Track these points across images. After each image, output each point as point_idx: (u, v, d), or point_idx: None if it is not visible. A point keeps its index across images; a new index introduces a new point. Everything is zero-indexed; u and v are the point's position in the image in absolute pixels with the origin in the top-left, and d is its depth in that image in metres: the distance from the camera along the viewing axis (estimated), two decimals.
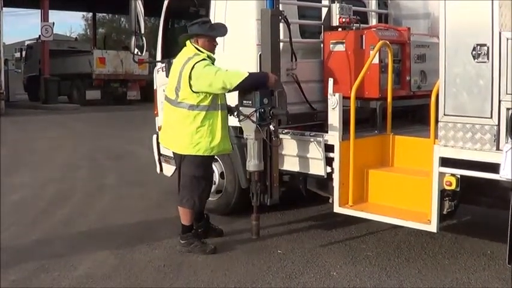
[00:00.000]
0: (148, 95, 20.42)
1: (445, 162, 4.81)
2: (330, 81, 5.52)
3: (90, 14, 40.89)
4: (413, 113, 6.73)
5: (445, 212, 5.09)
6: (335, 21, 6.40)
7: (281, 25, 5.92)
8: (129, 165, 10.50)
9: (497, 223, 5.10)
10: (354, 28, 6.40)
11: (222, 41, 5.88)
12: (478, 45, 4.51)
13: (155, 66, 7.61)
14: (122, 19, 46.79)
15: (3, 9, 22.27)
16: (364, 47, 6.11)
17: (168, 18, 7.50)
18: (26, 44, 33.38)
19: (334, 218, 6.23)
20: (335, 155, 5.52)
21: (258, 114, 5.44)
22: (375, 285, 4.88)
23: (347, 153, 5.48)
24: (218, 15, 6.39)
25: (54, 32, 26.96)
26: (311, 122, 6.28)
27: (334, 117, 5.47)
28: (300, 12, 6.71)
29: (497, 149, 4.50)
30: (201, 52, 5.50)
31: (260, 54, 5.92)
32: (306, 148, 5.82)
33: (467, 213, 6.40)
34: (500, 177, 4.45)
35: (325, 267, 5.24)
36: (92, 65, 25.22)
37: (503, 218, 4.54)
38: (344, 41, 6.25)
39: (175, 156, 5.85)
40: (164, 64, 7.01)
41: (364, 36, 6.15)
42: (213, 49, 5.62)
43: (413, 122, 6.55)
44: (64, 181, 9.12)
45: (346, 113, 5.47)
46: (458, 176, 4.79)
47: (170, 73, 5.70)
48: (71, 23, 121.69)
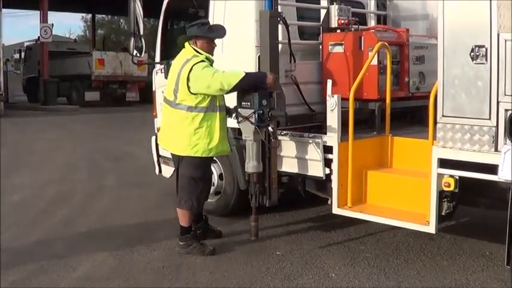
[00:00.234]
0: (147, 96, 20.40)
1: (443, 163, 4.81)
2: (329, 83, 5.53)
3: (90, 15, 40.91)
4: (412, 114, 6.72)
5: (443, 213, 5.10)
6: (334, 23, 6.40)
7: (280, 26, 5.92)
8: (128, 167, 10.51)
9: (496, 224, 5.10)
10: (352, 29, 6.41)
11: (220, 42, 5.89)
12: (476, 46, 4.51)
13: (154, 67, 7.62)
14: (121, 20, 46.85)
15: (3, 10, 22.25)
16: (362, 49, 6.11)
17: (167, 19, 7.51)
18: (25, 45, 33.38)
19: (332, 219, 6.23)
20: (334, 157, 5.53)
21: (256, 115, 5.44)
22: (373, 286, 4.88)
23: (346, 155, 5.49)
24: (217, 17, 6.39)
25: (53, 33, 26.96)
26: (310, 123, 6.27)
27: (333, 119, 5.48)
28: (299, 13, 6.71)
29: (496, 150, 4.51)
30: (200, 54, 5.51)
31: (259, 56, 5.92)
32: (304, 149, 5.82)
33: (465, 215, 6.41)
34: (499, 178, 4.45)
35: (324, 269, 5.24)
36: (91, 66, 25.20)
37: (501, 219, 4.55)
38: (343, 42, 6.25)
39: (173, 157, 5.85)
40: (163, 65, 7.01)
41: (362, 37, 6.14)
42: (211, 51, 5.63)
43: (412, 123, 6.54)
44: (63, 182, 9.13)
45: (344, 114, 5.47)
46: (457, 177, 4.80)
47: (169, 75, 5.70)
48: (70, 24, 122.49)
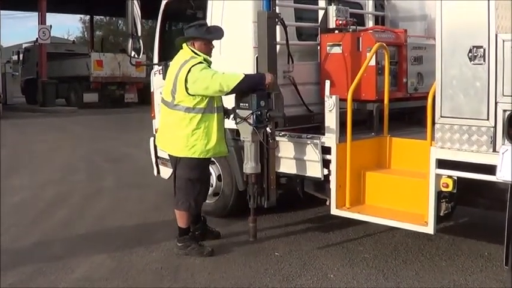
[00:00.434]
0: (145, 97, 20.16)
1: (441, 164, 4.81)
2: (327, 84, 5.51)
3: (88, 17, 40.75)
4: (410, 115, 6.71)
5: (442, 214, 5.10)
6: (332, 24, 6.40)
7: (278, 27, 5.92)
8: (127, 168, 10.50)
9: (494, 225, 5.10)
10: (350, 30, 6.41)
11: (218, 43, 5.88)
12: (474, 47, 4.51)
13: (152, 68, 7.61)
14: (120, 22, 46.79)
15: (1, 11, 22.25)
16: (360, 49, 6.12)
17: (165, 20, 7.50)
18: (23, 47, 33.32)
19: (331, 220, 6.23)
20: (332, 157, 5.52)
21: (254, 116, 5.44)
22: (372, 287, 4.88)
23: (344, 155, 5.48)
24: (215, 18, 6.39)
25: (52, 35, 26.92)
26: (308, 124, 6.26)
27: (331, 120, 5.47)
28: (297, 14, 6.71)
29: (494, 150, 4.50)
30: (198, 55, 5.50)
31: (257, 57, 5.92)
32: (303, 150, 5.82)
33: (464, 215, 6.41)
34: (497, 178, 4.45)
35: (323, 270, 5.24)
36: (90, 67, 25.15)
37: (500, 220, 4.56)
38: (341, 43, 6.25)
39: (171, 158, 5.84)
40: (161, 67, 7.01)
41: (360, 38, 6.14)
42: (209, 52, 5.62)
43: (410, 124, 6.54)
44: (62, 183, 9.12)
45: (343, 115, 5.47)
46: (455, 178, 4.79)
47: (167, 76, 5.70)
48: (68, 26, 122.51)
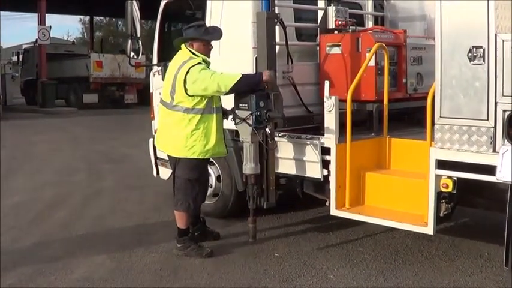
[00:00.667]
0: (145, 98, 20.17)
1: (441, 164, 4.80)
2: (326, 84, 5.51)
3: (87, 18, 40.76)
4: (410, 115, 6.71)
5: (441, 215, 5.09)
6: (331, 24, 6.40)
7: (277, 28, 5.91)
8: (126, 169, 10.50)
9: (494, 225, 5.10)
10: (350, 31, 6.41)
11: (217, 44, 5.87)
12: (474, 47, 4.50)
13: (152, 69, 7.61)
14: (119, 22, 46.77)
15: (0, 12, 22.27)
16: (360, 50, 6.11)
17: (164, 21, 7.49)
18: (23, 48, 33.32)
19: (330, 220, 6.22)
20: (331, 158, 5.51)
21: (254, 117, 5.43)
22: (371, 287, 4.88)
23: (343, 156, 5.47)
24: (214, 18, 6.38)
25: (51, 36, 26.94)
26: (307, 124, 6.26)
27: (331, 120, 5.46)
28: (296, 14, 6.70)
29: (494, 151, 4.49)
30: (196, 56, 5.50)
31: (256, 57, 5.91)
32: (302, 151, 5.81)
33: (464, 216, 6.40)
34: (497, 179, 4.44)
35: (322, 270, 5.23)
36: (89, 68, 25.17)
37: (500, 220, 4.55)
38: (340, 43, 6.25)
39: (170, 159, 5.83)
40: (160, 67, 7.01)
41: (360, 38, 6.14)
42: (208, 53, 5.62)
43: (409, 125, 6.53)
44: (62, 184, 9.12)
45: (342, 115, 5.46)
46: (455, 178, 4.78)
47: (165, 76, 5.69)
48: (68, 27, 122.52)
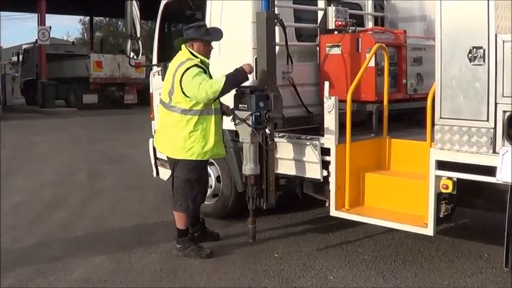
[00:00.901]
0: (145, 98, 20.17)
1: (441, 165, 4.79)
2: (326, 85, 5.50)
3: (87, 18, 40.75)
4: (410, 116, 6.70)
5: (441, 215, 5.08)
6: (331, 24, 6.40)
7: (277, 28, 5.91)
8: (126, 169, 10.49)
9: (494, 226, 5.09)
10: (350, 31, 6.41)
11: (217, 44, 5.87)
12: (474, 47, 4.50)
13: (152, 69, 7.60)
14: (119, 23, 46.72)
15: (0, 13, 22.27)
16: (360, 50, 6.10)
17: (164, 21, 7.49)
18: (23, 48, 33.32)
19: (330, 221, 6.21)
20: (331, 159, 5.51)
21: (253, 117, 5.44)
22: None
23: (343, 157, 5.47)
24: (214, 19, 6.38)
25: (51, 36, 26.93)
26: (307, 125, 6.25)
27: (330, 121, 5.45)
28: (296, 15, 6.70)
29: (494, 152, 4.49)
30: (195, 57, 5.48)
31: (256, 58, 5.90)
32: (302, 151, 5.80)
33: (464, 217, 6.40)
34: (497, 180, 4.43)
35: (322, 271, 5.22)
36: (89, 68, 25.16)
37: (500, 221, 4.54)
38: (340, 44, 6.24)
39: (169, 160, 5.83)
40: (160, 68, 7.00)
41: (360, 39, 6.13)
42: (208, 53, 5.61)
43: (409, 125, 6.52)
44: (62, 184, 9.12)
45: (342, 116, 5.45)
46: (455, 179, 4.78)
47: (165, 77, 5.69)
48: (68, 27, 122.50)
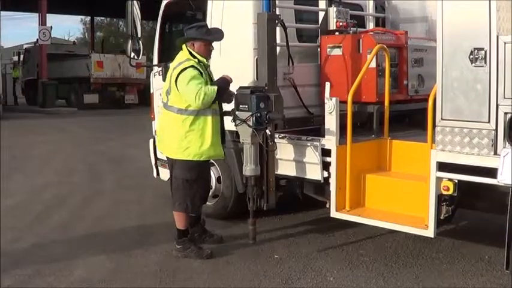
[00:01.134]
0: (146, 98, 20.14)
1: (442, 166, 4.78)
2: (327, 86, 5.50)
3: (89, 18, 40.85)
4: (411, 117, 6.70)
5: (442, 217, 5.06)
6: (332, 25, 6.39)
7: (278, 29, 5.90)
8: (127, 169, 10.48)
9: (495, 228, 5.08)
10: (351, 32, 6.40)
11: (218, 45, 5.86)
12: (475, 49, 4.49)
13: (152, 70, 7.60)
14: (120, 23, 46.83)
15: (1, 12, 22.25)
16: (361, 51, 6.10)
17: (165, 22, 7.49)
18: (24, 48, 33.36)
19: (331, 222, 6.18)
20: (332, 160, 5.50)
21: (254, 118, 5.42)
22: None
23: (344, 158, 5.46)
24: (215, 19, 6.37)
25: (52, 36, 26.98)
26: (308, 126, 6.25)
27: (331, 122, 5.45)
28: (297, 15, 6.69)
29: (495, 153, 4.48)
30: (193, 57, 5.47)
31: (257, 58, 5.89)
32: (302, 152, 5.79)
33: (464, 218, 6.38)
34: (498, 182, 4.41)
35: (322, 272, 5.21)
36: (90, 68, 25.20)
37: (501, 223, 4.53)
38: (341, 45, 6.23)
39: (168, 160, 5.83)
40: (161, 68, 7.00)
41: (361, 40, 6.12)
42: (209, 54, 5.60)
43: (410, 127, 6.52)
44: (62, 185, 9.11)
45: (343, 117, 5.44)
46: (456, 181, 4.77)
47: (166, 77, 5.69)
48: (69, 27, 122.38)
